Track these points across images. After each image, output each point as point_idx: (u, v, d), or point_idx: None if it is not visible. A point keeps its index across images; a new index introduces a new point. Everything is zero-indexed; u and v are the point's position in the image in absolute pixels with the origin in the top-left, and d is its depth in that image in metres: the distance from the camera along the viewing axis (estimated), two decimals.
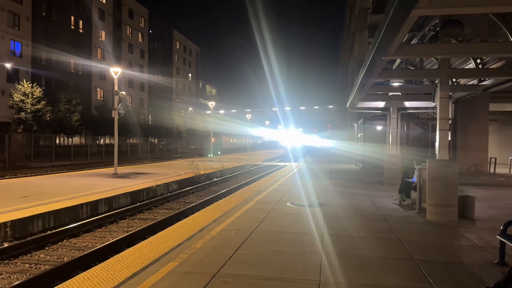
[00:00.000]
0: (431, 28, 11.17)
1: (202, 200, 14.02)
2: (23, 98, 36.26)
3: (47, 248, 8.21)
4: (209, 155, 39.54)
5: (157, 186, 15.62)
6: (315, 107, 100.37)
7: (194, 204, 13.27)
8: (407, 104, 15.84)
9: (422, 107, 17.19)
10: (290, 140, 63.32)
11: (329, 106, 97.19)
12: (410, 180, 10.60)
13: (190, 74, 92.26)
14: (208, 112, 63.33)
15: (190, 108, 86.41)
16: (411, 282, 4.72)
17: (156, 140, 58.23)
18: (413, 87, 15.82)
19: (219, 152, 51.04)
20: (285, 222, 7.96)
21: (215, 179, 21.35)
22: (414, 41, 12.80)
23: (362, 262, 5.38)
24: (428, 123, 22.81)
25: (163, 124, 58.90)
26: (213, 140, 47.32)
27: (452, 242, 6.84)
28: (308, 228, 7.37)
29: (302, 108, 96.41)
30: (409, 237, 6.88)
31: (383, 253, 5.86)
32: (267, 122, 79.07)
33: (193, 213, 9.09)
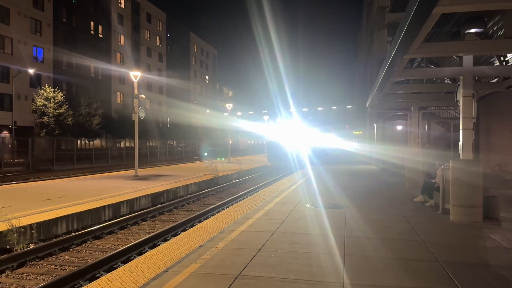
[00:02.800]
0: (453, 25, 10.95)
1: (222, 202, 14.06)
2: (45, 102, 37.12)
3: (71, 249, 8.36)
4: (221, 158, 39.68)
5: (176, 188, 15.75)
6: (332, 107, 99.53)
7: (213, 205, 13.33)
8: (428, 103, 15.60)
9: (443, 106, 16.89)
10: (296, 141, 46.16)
11: (347, 106, 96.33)
12: (432, 180, 10.41)
13: (207, 77, 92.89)
14: (226, 114, 63.51)
15: (208, 110, 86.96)
16: (436, 284, 4.63)
17: (174, 142, 58.77)
18: (434, 86, 15.56)
19: (237, 154, 51.10)
20: (305, 223, 7.91)
21: (233, 181, 21.41)
22: (433, 39, 12.58)
23: (385, 264, 5.30)
24: (450, 122, 22.39)
25: (181, 126, 59.39)
26: (230, 142, 47.42)
27: (477, 243, 6.69)
28: (329, 230, 7.31)
29: (320, 108, 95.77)
30: (433, 238, 6.75)
31: (406, 255, 5.77)
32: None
33: (213, 215, 9.15)
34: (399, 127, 22.38)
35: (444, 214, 8.89)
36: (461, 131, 8.49)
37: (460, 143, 8.58)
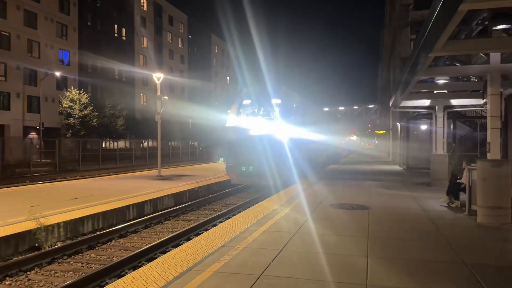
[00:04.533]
0: (479, 22, 10.68)
1: (243, 202, 14.11)
2: (71, 104, 38.06)
3: (97, 248, 8.55)
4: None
5: (198, 188, 15.89)
6: (354, 106, 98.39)
7: (235, 205, 13.38)
8: (454, 102, 15.23)
9: (469, 105, 16.47)
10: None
11: (370, 106, 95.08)
12: (458, 181, 10.17)
13: (228, 77, 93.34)
14: None
15: (229, 111, 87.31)
16: (464, 287, 4.53)
17: (196, 143, 59.26)
18: (459, 84, 15.20)
19: None
20: (327, 224, 7.85)
21: None
22: (459, 37, 12.28)
23: (410, 266, 5.22)
24: (476, 122, 21.83)
25: (203, 127, 59.83)
26: None
27: (506, 245, 6.51)
28: (352, 231, 7.24)
29: (341, 108, 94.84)
30: (459, 240, 6.60)
31: (431, 257, 5.66)
32: None
33: (234, 215, 9.20)
34: (424, 127, 21.94)
35: (470, 215, 8.68)
36: (488, 130, 8.28)
37: (488, 143, 8.36)
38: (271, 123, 15.73)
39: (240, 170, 16.15)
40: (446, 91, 14.67)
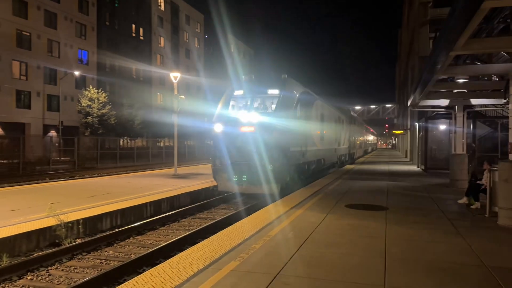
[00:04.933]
0: (501, 20, 10.46)
1: (258, 201, 14.10)
2: (89, 103, 38.67)
3: (115, 245, 8.66)
4: None
5: (214, 186, 15.94)
6: (371, 106, 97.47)
7: (250, 204, 13.39)
8: (474, 101, 14.96)
9: (490, 105, 16.15)
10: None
11: (387, 105, 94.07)
12: (478, 182, 9.99)
13: (243, 77, 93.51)
14: None
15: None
16: None
17: (212, 142, 59.43)
18: (480, 84, 14.91)
19: None
20: (343, 224, 7.80)
21: None
22: (480, 35, 12.05)
23: (429, 268, 5.14)
24: (497, 122, 21.36)
25: None
26: None
27: None
28: (369, 232, 7.18)
29: (358, 107, 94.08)
30: (479, 242, 6.48)
31: (451, 259, 5.57)
32: None
33: (250, 214, 9.19)
34: (443, 126, 21.59)
35: (491, 217, 8.51)
36: (510, 130, 8.10)
37: (509, 143, 8.18)
38: (268, 118, 12.94)
39: (229, 175, 13.27)
40: (466, 90, 14.41)
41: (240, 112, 13.71)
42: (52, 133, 39.92)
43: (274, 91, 13.86)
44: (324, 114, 19.20)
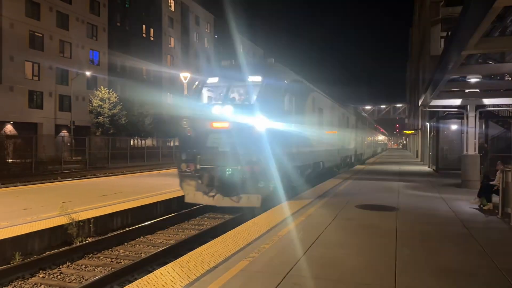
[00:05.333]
0: None
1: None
2: (100, 103, 39.01)
3: (126, 244, 8.73)
4: None
5: None
6: (382, 106, 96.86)
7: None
8: (486, 101, 14.78)
9: (503, 104, 15.95)
10: None
11: (398, 105, 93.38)
12: (491, 183, 9.86)
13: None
14: None
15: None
16: None
17: None
18: (492, 83, 14.74)
19: None
20: (353, 226, 7.76)
21: None
22: (492, 33, 11.90)
23: (441, 269, 5.09)
24: (510, 121, 21.07)
25: None
26: None
27: None
28: (380, 232, 7.13)
29: (368, 107, 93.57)
30: (492, 244, 6.40)
31: (463, 261, 5.50)
32: None
33: (258, 214, 9.16)
34: (455, 126, 21.35)
35: (504, 218, 8.40)
36: None
37: None
38: (247, 111, 10.28)
39: (198, 183, 10.88)
40: (478, 90, 14.25)
41: (213, 105, 11.16)
42: (64, 133, 40.38)
43: (256, 78, 11.03)
44: (323, 109, 16.34)
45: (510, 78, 15.90)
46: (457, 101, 15.01)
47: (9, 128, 36.75)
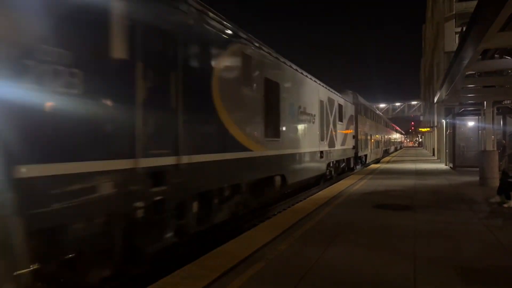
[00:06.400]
0: None
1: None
2: None
3: None
4: None
5: None
6: (396, 103, 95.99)
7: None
8: (504, 97, 14.54)
9: None
10: None
11: (412, 102, 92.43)
12: (510, 180, 9.66)
13: None
14: None
15: None
16: None
17: None
18: (509, 78, 14.47)
19: None
20: (371, 225, 7.66)
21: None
22: (508, 28, 11.67)
23: (462, 268, 4.97)
24: None
25: None
26: None
27: None
28: (397, 232, 7.02)
29: (383, 105, 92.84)
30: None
31: (485, 259, 5.38)
32: None
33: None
34: (471, 123, 21.00)
35: None
36: None
37: None
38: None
39: None
40: (495, 85, 14.00)
41: None
42: None
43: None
44: (260, 78, 9.59)
45: None
46: (474, 97, 14.80)
47: None
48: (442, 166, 25.12)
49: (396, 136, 73.22)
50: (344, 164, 19.79)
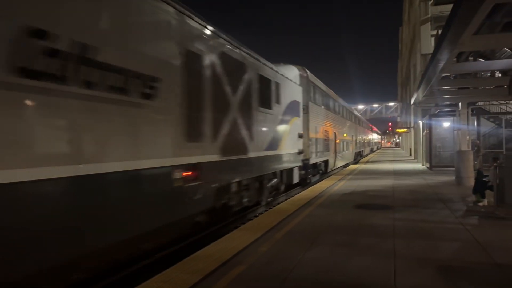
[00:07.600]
0: (504, 15, 10.39)
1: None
2: None
3: None
4: None
5: None
6: (374, 105, 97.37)
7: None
8: (477, 98, 14.95)
9: (494, 101, 16.12)
10: None
11: (390, 103, 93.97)
12: (484, 179, 9.92)
13: None
14: None
15: None
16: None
17: None
18: (483, 80, 14.89)
19: None
20: (351, 225, 7.74)
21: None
22: (482, 31, 11.99)
23: (439, 266, 5.08)
24: (501, 117, 21.30)
25: None
26: None
27: None
28: (377, 231, 7.12)
29: (361, 107, 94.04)
30: (488, 239, 6.41)
31: (461, 257, 5.51)
32: None
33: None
34: (447, 124, 21.51)
35: (498, 214, 8.45)
36: None
37: None
38: None
39: None
40: (469, 87, 14.38)
41: None
42: None
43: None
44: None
45: (500, 75, 16.05)
46: (449, 99, 15.17)
47: None
48: (419, 166, 25.61)
49: (372, 136, 73.60)
50: (276, 180, 12.56)
